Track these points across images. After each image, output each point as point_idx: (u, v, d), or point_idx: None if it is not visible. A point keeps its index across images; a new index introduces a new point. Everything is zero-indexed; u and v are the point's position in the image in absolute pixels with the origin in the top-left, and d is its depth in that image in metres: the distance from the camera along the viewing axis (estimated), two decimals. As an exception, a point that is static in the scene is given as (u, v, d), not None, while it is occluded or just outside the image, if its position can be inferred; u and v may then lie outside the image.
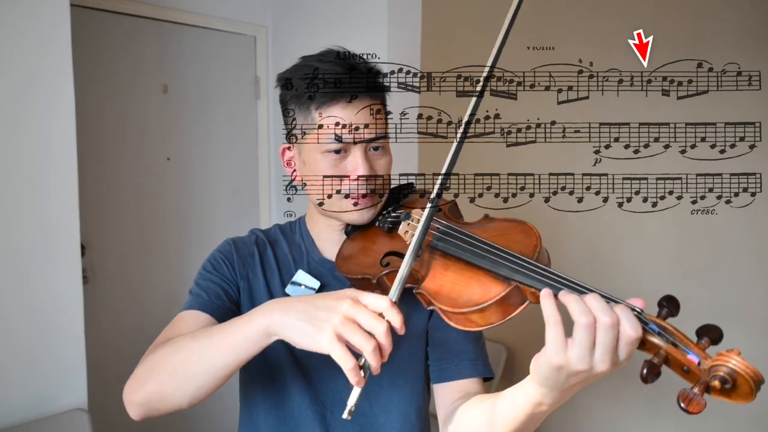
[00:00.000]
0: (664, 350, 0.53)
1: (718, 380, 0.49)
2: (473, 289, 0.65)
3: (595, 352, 0.54)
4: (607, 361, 0.54)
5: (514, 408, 0.65)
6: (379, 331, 0.61)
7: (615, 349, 0.54)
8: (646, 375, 0.53)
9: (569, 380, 0.56)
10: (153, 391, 0.76)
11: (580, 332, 0.53)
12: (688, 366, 0.52)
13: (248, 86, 2.64)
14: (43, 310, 1.58)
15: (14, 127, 1.51)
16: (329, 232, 0.93)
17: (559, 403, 0.62)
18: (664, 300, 0.56)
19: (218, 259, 0.93)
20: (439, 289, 0.68)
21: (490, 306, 0.61)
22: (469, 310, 0.63)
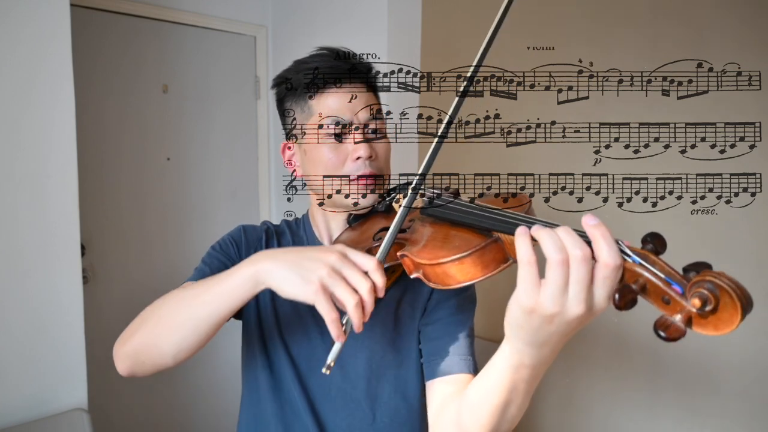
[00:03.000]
0: (644, 278, 0.48)
1: (698, 297, 0.43)
2: (454, 242, 0.64)
3: (569, 290, 0.49)
4: (581, 301, 0.49)
5: (494, 376, 0.62)
6: (363, 288, 0.62)
7: (590, 285, 0.49)
8: (620, 299, 0.47)
9: (543, 328, 0.52)
10: (139, 342, 0.76)
11: (553, 269, 0.49)
12: (669, 295, 0.47)
13: (248, 86, 2.64)
14: (43, 310, 1.58)
15: (14, 127, 1.51)
16: (329, 223, 0.95)
17: (539, 367, 0.58)
18: (648, 236, 0.51)
19: (227, 241, 0.96)
20: (422, 248, 0.67)
21: (468, 257, 0.59)
22: (446, 260, 0.61)
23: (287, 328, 0.92)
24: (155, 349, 0.74)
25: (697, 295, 0.43)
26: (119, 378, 0.82)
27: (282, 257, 0.67)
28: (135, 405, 2.25)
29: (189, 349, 0.73)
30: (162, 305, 0.76)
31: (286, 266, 0.65)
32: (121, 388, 2.21)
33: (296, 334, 0.91)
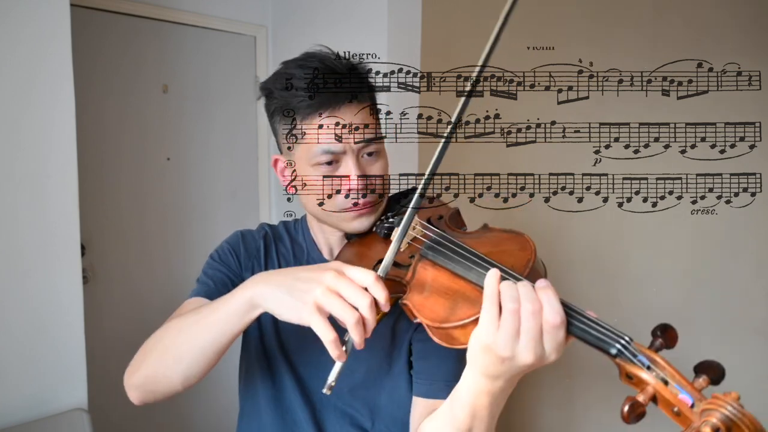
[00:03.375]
0: (653, 387, 0.48)
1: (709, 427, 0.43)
2: (457, 303, 0.63)
3: (520, 339, 0.54)
4: (530, 350, 0.54)
5: (457, 400, 0.65)
6: (363, 303, 0.60)
7: (539, 338, 0.54)
8: (627, 413, 0.47)
9: (496, 366, 0.56)
10: (147, 374, 0.76)
11: (506, 316, 0.54)
12: (679, 407, 0.47)
13: (248, 86, 2.64)
14: (43, 310, 1.58)
15: (14, 127, 1.51)
16: (328, 237, 0.93)
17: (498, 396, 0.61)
18: (658, 329, 0.51)
19: (226, 250, 0.94)
20: (423, 301, 0.66)
21: (473, 323, 0.59)
22: (450, 326, 0.60)
23: (289, 338, 0.91)
24: (164, 378, 0.74)
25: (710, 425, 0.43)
26: (119, 378, 0.83)
27: (276, 280, 0.65)
28: (135, 405, 2.24)
29: (197, 376, 0.73)
30: (164, 335, 0.76)
31: (280, 289, 0.64)
32: (121, 388, 2.20)
33: (298, 343, 0.90)
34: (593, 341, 0.53)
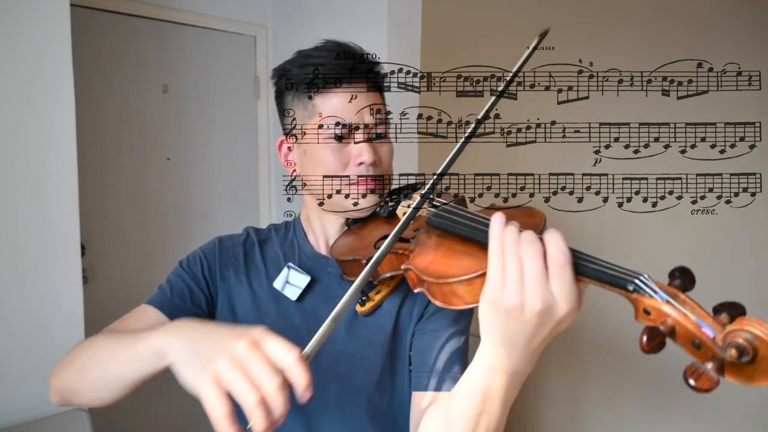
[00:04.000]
0: (673, 319, 0.46)
1: (734, 348, 0.41)
2: (463, 260, 0.61)
3: (525, 283, 0.52)
4: (537, 294, 0.51)
5: (469, 381, 0.61)
6: (269, 385, 0.51)
7: (545, 280, 0.52)
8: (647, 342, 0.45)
9: (508, 325, 0.54)
10: (65, 384, 0.74)
11: (508, 261, 0.53)
12: (701, 339, 0.44)
13: (248, 86, 2.64)
14: (43, 310, 1.58)
15: (14, 127, 1.51)
16: (326, 227, 0.91)
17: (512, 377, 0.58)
18: (677, 270, 0.49)
19: (196, 258, 0.92)
20: (428, 263, 0.64)
21: (479, 278, 0.57)
22: (455, 280, 0.58)
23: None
24: (79, 396, 0.73)
25: (735, 345, 0.41)
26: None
27: (190, 333, 0.59)
28: (135, 405, 2.24)
29: (112, 400, 0.70)
30: (85, 352, 0.73)
31: (188, 347, 0.58)
32: (121, 388, 2.20)
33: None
34: (608, 279, 0.51)
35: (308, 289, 0.88)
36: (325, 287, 0.89)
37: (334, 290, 0.88)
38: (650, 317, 0.48)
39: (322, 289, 0.89)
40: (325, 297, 0.88)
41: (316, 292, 0.88)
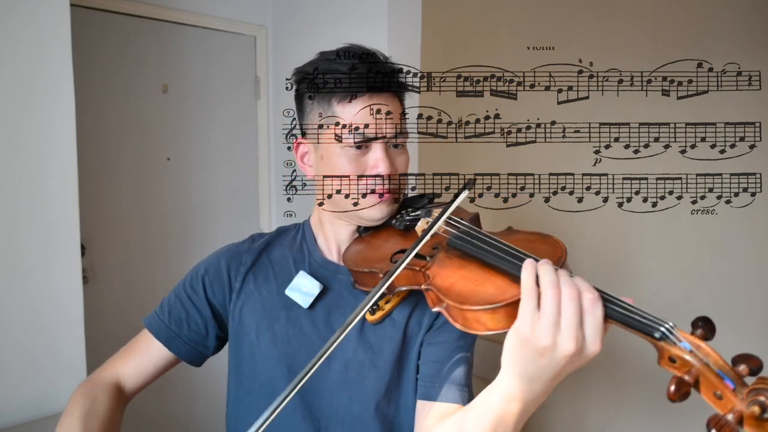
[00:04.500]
0: (697, 369, 0.48)
1: (757, 405, 0.43)
2: (487, 288, 0.62)
3: (561, 325, 0.53)
4: (572, 338, 0.53)
5: (484, 405, 0.63)
6: None
7: (580, 323, 0.54)
8: (675, 391, 0.48)
9: (536, 362, 0.55)
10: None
11: (546, 303, 0.54)
12: (722, 391, 0.47)
13: (248, 86, 2.64)
14: (43, 310, 1.58)
15: (14, 127, 1.51)
16: (338, 233, 0.90)
17: (529, 404, 0.60)
18: (699, 320, 0.52)
19: (198, 277, 0.92)
20: (450, 286, 0.64)
21: (503, 308, 0.58)
22: (479, 309, 0.59)
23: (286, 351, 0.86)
24: None
25: (758, 403, 0.43)
26: (119, 378, 0.82)
27: None
28: (135, 405, 2.24)
29: None
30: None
31: None
32: (121, 388, 2.21)
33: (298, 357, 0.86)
34: (636, 325, 0.53)
35: (319, 296, 0.87)
36: (336, 295, 0.88)
37: (345, 298, 0.88)
38: (675, 365, 0.50)
39: (333, 297, 0.88)
40: (336, 305, 0.88)
41: (327, 300, 0.88)
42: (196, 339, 0.91)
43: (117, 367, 0.92)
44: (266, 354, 0.87)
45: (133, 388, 0.94)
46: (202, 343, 0.92)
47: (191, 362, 0.93)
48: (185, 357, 0.92)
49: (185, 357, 0.92)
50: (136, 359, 0.92)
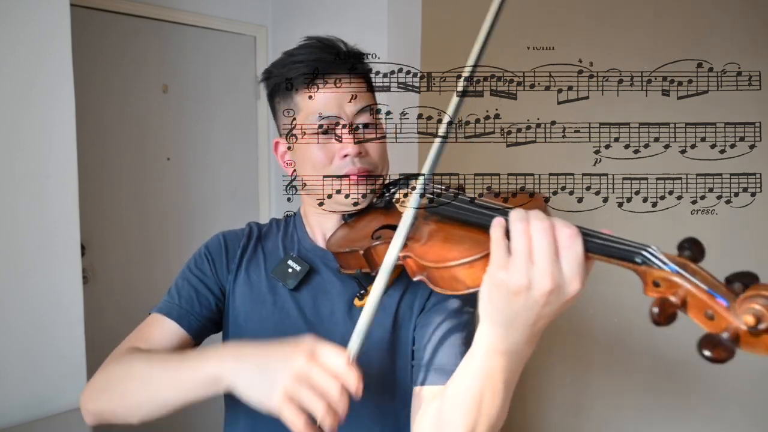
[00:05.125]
0: (684, 290, 0.44)
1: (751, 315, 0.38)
2: (464, 244, 0.59)
3: (535, 261, 0.50)
4: (547, 273, 0.49)
5: (469, 363, 0.60)
6: (332, 393, 0.58)
7: (555, 256, 0.50)
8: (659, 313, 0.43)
9: (512, 305, 0.52)
10: (104, 408, 0.76)
11: (515, 238, 0.51)
12: (714, 310, 0.42)
13: (248, 86, 2.64)
14: (43, 310, 1.58)
15: (14, 127, 1.51)
16: (322, 223, 0.91)
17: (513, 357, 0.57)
18: (685, 242, 0.47)
19: (203, 255, 0.93)
20: (427, 249, 0.62)
21: (480, 260, 0.55)
22: (456, 264, 0.57)
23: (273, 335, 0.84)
24: (121, 417, 0.75)
25: (751, 311, 0.38)
26: (119, 378, 0.82)
27: (248, 358, 0.64)
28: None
29: (157, 417, 0.73)
30: (126, 377, 0.75)
31: (251, 370, 0.62)
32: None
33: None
34: (617, 253, 0.49)
35: (306, 280, 0.87)
36: (322, 279, 0.88)
37: (332, 282, 0.88)
38: (660, 289, 0.46)
39: (319, 281, 0.88)
40: (322, 289, 0.88)
41: (314, 284, 0.88)
42: (207, 315, 0.90)
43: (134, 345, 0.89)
44: (253, 338, 0.86)
45: None
46: (211, 319, 0.91)
47: (198, 339, 0.91)
48: (195, 332, 0.89)
49: (195, 332, 0.89)
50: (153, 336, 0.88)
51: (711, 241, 1.84)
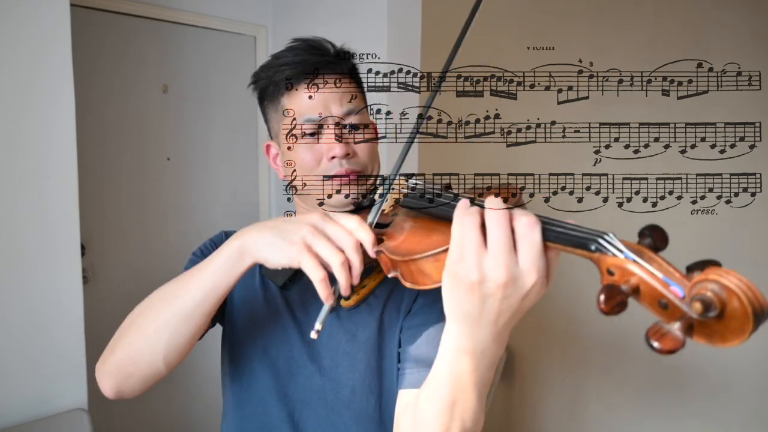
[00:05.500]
0: (638, 277, 0.41)
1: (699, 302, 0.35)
2: (432, 237, 0.59)
3: (487, 251, 0.48)
4: (500, 263, 0.47)
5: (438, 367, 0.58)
6: (348, 244, 0.61)
7: (510, 246, 0.47)
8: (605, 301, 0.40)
9: (470, 301, 0.49)
10: (124, 354, 0.72)
11: (466, 229, 0.49)
12: (667, 299, 0.39)
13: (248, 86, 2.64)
14: (43, 310, 1.58)
15: (14, 127, 1.51)
16: None
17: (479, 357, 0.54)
18: (646, 229, 0.44)
19: (208, 247, 0.94)
20: (399, 243, 0.62)
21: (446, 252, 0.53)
22: (420, 256, 0.55)
23: (263, 330, 0.87)
24: (144, 355, 0.70)
25: (699, 298, 0.35)
26: (119, 378, 0.82)
27: (266, 226, 0.66)
28: (135, 405, 2.25)
29: (180, 348, 0.69)
30: (143, 309, 0.74)
31: (269, 233, 0.64)
32: (121, 388, 2.21)
33: (273, 337, 0.86)
34: (571, 240, 0.46)
35: (295, 278, 0.86)
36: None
37: None
38: (613, 278, 0.43)
39: (308, 279, 0.89)
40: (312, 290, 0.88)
41: (303, 282, 0.88)
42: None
43: None
44: (244, 334, 0.88)
45: None
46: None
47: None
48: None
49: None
50: None
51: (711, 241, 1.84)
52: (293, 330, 0.86)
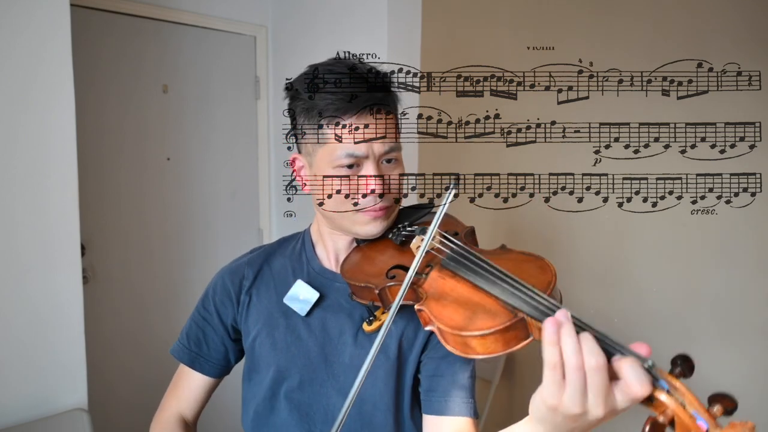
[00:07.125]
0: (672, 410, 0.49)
1: None
2: (477, 314, 0.62)
3: (588, 396, 0.51)
4: (600, 404, 0.51)
5: None
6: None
7: (608, 392, 0.51)
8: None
9: (567, 423, 0.54)
10: None
11: (570, 373, 0.51)
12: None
13: (248, 86, 2.64)
14: (43, 310, 1.58)
15: (14, 127, 1.51)
16: (336, 243, 0.91)
17: None
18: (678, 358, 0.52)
19: (209, 298, 0.96)
20: (442, 308, 0.66)
21: (492, 334, 0.59)
22: (469, 335, 0.60)
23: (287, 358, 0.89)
24: None
25: None
26: (119, 378, 0.83)
27: None
28: (135, 405, 2.25)
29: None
30: None
31: None
32: (121, 388, 2.21)
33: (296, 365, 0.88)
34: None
35: (316, 304, 0.89)
36: (332, 303, 0.89)
37: (341, 305, 0.89)
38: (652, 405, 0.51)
39: (329, 304, 0.90)
40: (332, 311, 0.89)
41: (324, 307, 0.89)
42: (217, 356, 0.96)
43: (172, 405, 0.98)
44: (267, 361, 0.90)
45: (193, 415, 1.01)
46: (225, 358, 0.97)
47: (220, 377, 1.00)
48: (211, 374, 0.97)
49: (211, 374, 0.97)
50: (184, 393, 0.97)
51: (711, 241, 1.83)
52: (316, 354, 0.88)
